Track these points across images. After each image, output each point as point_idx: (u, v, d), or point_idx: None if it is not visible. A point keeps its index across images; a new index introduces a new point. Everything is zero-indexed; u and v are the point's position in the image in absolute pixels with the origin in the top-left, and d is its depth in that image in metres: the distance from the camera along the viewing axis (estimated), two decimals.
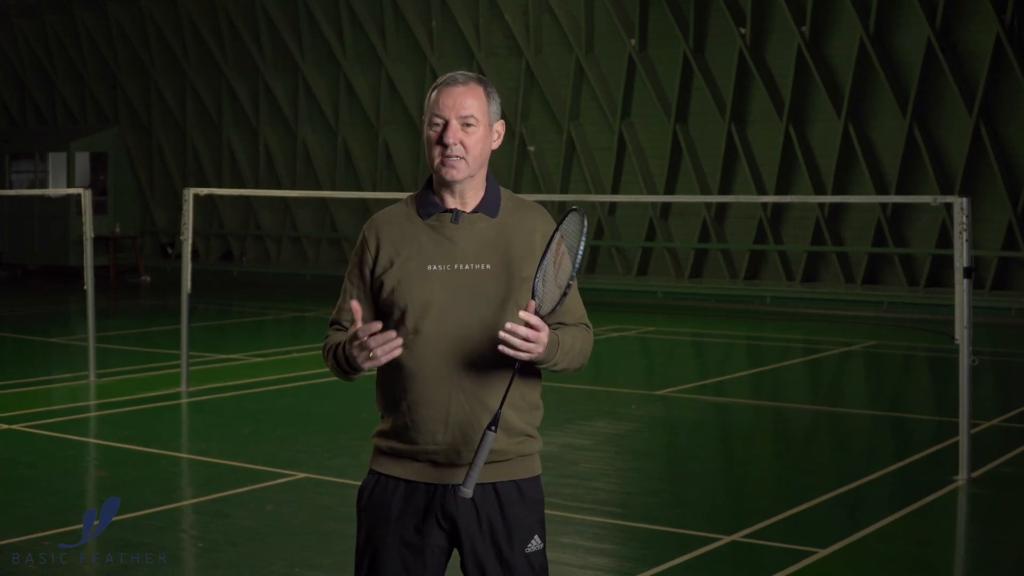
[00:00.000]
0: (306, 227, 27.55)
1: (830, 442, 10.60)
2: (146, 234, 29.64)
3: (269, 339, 17.39)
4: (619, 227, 23.56)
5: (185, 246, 12.12)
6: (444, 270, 3.54)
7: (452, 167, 3.54)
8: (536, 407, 3.67)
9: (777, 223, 21.88)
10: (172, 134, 29.52)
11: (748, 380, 13.86)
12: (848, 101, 20.51)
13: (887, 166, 20.63)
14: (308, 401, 11.88)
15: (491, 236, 3.59)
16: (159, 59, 29.17)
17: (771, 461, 9.75)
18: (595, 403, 11.72)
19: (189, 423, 10.96)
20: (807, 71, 20.99)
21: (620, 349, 16.09)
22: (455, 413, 3.53)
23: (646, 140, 23.00)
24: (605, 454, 9.51)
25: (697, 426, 10.90)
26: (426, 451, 3.56)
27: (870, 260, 21.08)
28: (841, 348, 16.17)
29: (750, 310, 20.69)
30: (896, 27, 20.23)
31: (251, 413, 11.18)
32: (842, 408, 12.05)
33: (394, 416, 3.60)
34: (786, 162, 21.47)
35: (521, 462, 3.63)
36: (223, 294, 23.21)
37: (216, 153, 28.79)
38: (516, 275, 3.55)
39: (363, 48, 26.13)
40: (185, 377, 12.05)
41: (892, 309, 20.08)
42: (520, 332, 3.36)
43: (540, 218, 3.67)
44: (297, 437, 10.00)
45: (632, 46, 22.50)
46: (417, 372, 3.53)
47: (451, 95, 3.55)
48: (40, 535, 7.10)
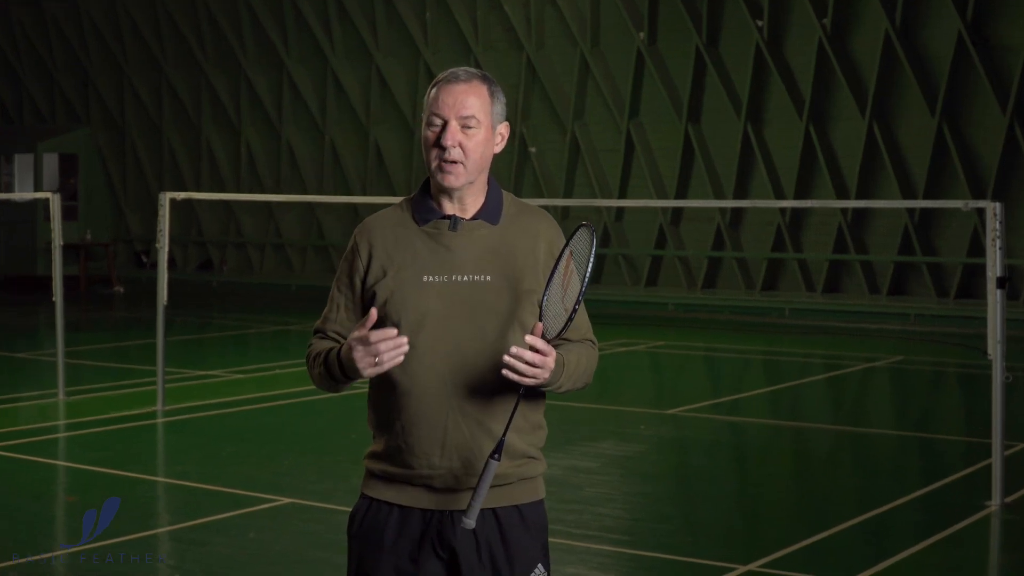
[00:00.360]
0: (291, 234, 27.57)
1: (853, 465, 10.60)
2: (119, 241, 29.66)
3: (251, 354, 17.39)
4: (627, 234, 23.58)
5: (161, 254, 12.12)
6: (441, 281, 3.53)
7: (449, 172, 3.52)
8: (539, 427, 3.67)
9: (796, 230, 21.89)
10: (147, 134, 29.55)
11: (765, 398, 13.86)
12: (873, 99, 20.54)
13: (915, 168, 20.65)
14: (293, 420, 11.88)
15: (492, 245, 3.57)
16: (133, 53, 29.22)
17: (790, 485, 9.75)
18: (601, 423, 11.73)
19: (165, 444, 10.96)
20: (829, 67, 21.03)
21: (628, 365, 16.09)
22: (453, 435, 3.52)
23: (656, 141, 23.03)
24: (612, 477, 9.52)
25: (710, 447, 10.91)
26: (421, 475, 3.55)
27: (896, 269, 21.10)
28: (865, 364, 16.17)
29: (767, 323, 20.70)
30: (924, 20, 20.26)
31: (232, 433, 11.18)
32: (866, 428, 12.05)
33: (387, 437, 3.59)
34: (806, 164, 21.49)
35: (523, 485, 3.63)
36: (202, 306, 23.21)
37: (194, 154, 28.82)
38: (518, 287, 3.54)
39: (352, 41, 26.17)
40: (161, 395, 12.05)
41: (920, 322, 20.09)
42: (526, 357, 3.36)
43: (545, 225, 3.66)
44: (281, 459, 10.00)
45: (641, 40, 22.54)
46: (411, 390, 3.52)
47: (452, 93, 3.53)
48: (6, 565, 7.10)
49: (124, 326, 20.60)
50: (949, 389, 15.05)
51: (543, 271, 3.57)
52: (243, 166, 28.00)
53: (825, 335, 19.24)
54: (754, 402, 13.48)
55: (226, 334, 19.67)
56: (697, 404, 12.94)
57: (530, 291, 3.55)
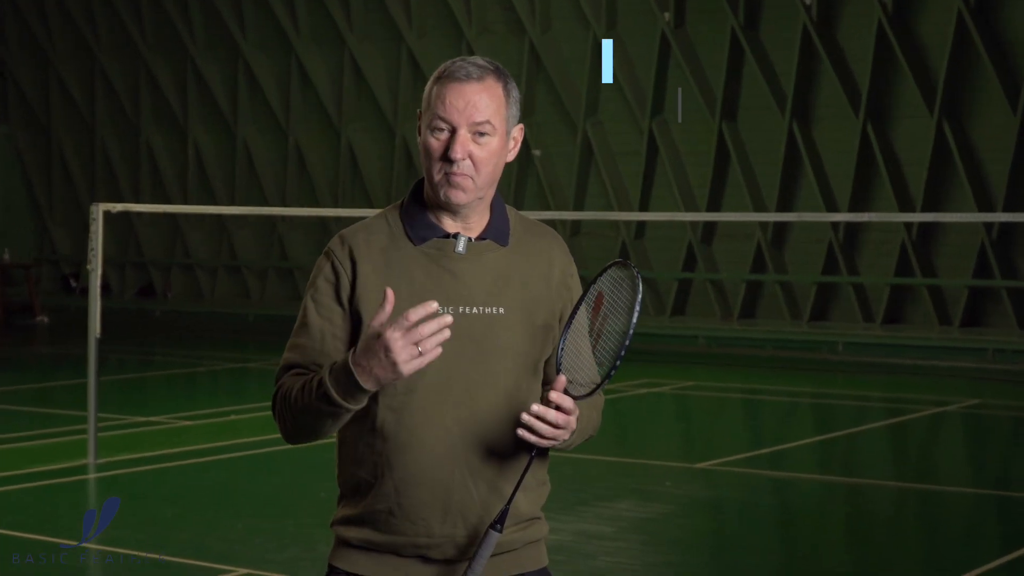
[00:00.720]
0: (248, 254, 27.59)
1: (921, 529, 10.59)
2: (43, 262, 29.67)
3: (200, 397, 17.37)
4: (649, 254, 23.60)
5: (93, 278, 12.12)
6: (447, 314, 3.40)
7: (458, 187, 3.47)
8: (544, 483, 3.68)
9: (851, 248, 21.91)
10: (77, 134, 29.60)
11: (814, 449, 13.85)
12: (942, 93, 20.57)
13: (993, 176, 20.66)
14: (249, 477, 11.86)
15: (503, 270, 3.55)
16: (61, 39, 29.28)
17: (845, 553, 9.73)
18: (618, 478, 11.71)
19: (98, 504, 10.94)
20: (890, 54, 21.06)
21: (651, 409, 16.07)
22: (459, 498, 3.50)
23: (684, 142, 23.07)
24: (631, 544, 9.50)
25: (749, 509, 10.89)
26: (416, 544, 3.53)
27: (971, 296, 21.10)
28: (934, 408, 16.15)
29: (817, 359, 20.69)
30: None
31: (176, 492, 11.16)
32: (935, 485, 12.04)
33: (372, 499, 3.55)
34: (863, 170, 21.51)
35: (527, 551, 3.63)
36: (142, 339, 23.19)
37: (133, 159, 28.87)
38: (532, 321, 3.54)
39: (321, 23, 26.23)
40: (92, 446, 12.02)
41: (999, 359, 20.08)
42: (549, 417, 3.36)
43: (557, 249, 3.66)
44: (234, 523, 9.98)
45: (666, 22, 22.59)
46: (410, 443, 3.49)
47: (462, 94, 3.46)
48: None
49: (49, 363, 20.57)
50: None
51: (556, 303, 3.57)
52: (191, 173, 28.04)
53: (886, 374, 19.22)
54: (801, 454, 13.47)
55: (171, 373, 19.66)
56: (733, 456, 12.92)
57: (546, 327, 3.55)
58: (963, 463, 13.56)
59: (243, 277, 27.69)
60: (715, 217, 20.47)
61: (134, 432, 13.90)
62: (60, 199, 29.86)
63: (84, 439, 12.19)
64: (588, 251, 23.37)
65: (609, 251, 23.24)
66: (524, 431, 3.36)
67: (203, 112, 27.94)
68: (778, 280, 22.39)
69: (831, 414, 16.34)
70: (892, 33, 20.83)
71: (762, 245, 22.39)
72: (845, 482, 12.11)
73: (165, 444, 13.19)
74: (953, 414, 15.92)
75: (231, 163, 27.69)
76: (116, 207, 12.77)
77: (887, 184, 21.25)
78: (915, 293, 21.64)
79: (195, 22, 27.48)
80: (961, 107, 20.84)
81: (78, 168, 29.57)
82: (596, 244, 23.68)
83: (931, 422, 15.59)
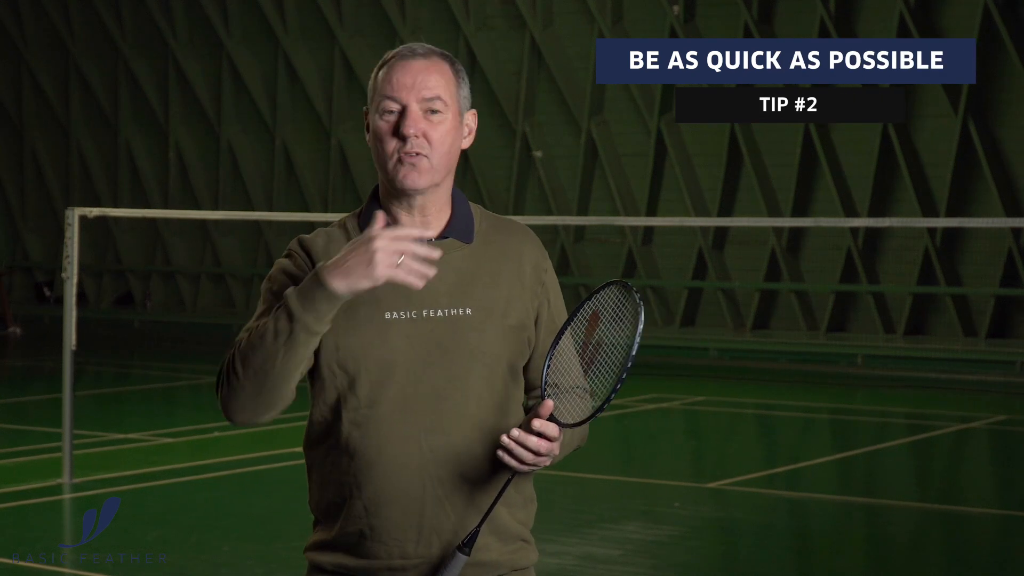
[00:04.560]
0: (232, 261, 27.61)
1: (945, 552, 10.60)
2: (16, 270, 29.69)
3: (182, 413, 17.36)
4: (657, 261, 23.61)
5: (68, 287, 12.13)
6: (408, 318, 3.47)
7: (412, 166, 3.51)
8: (532, 501, 3.65)
9: (872, 255, 21.92)
10: (51, 135, 29.62)
11: (833, 468, 13.85)
12: (968, 91, 20.59)
13: (1021, 179, 20.69)
14: (234, 497, 11.86)
15: (468, 269, 3.54)
16: (34, 33, 29.31)
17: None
18: (625, 499, 11.72)
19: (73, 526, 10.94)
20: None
21: (659, 426, 16.07)
22: (433, 516, 3.49)
23: (693, 143, 23.09)
24: (639, 568, 9.51)
25: (763, 531, 10.90)
26: (390, 567, 3.52)
27: (997, 305, 21.11)
28: (959, 425, 16.16)
29: (835, 373, 20.69)
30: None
31: (156, 513, 11.16)
32: (960, 506, 12.04)
33: (343, 521, 3.54)
34: (884, 172, 21.53)
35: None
36: (120, 351, 23.19)
37: (111, 161, 28.88)
38: (503, 322, 3.52)
39: (310, 18, 26.26)
40: (68, 464, 12.03)
41: None
42: (530, 444, 3.35)
43: (528, 244, 3.63)
44: (219, 546, 9.99)
45: (675, 15, 22.62)
46: (377, 460, 3.48)
47: (409, 71, 3.50)
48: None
49: (22, 377, 20.57)
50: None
51: (531, 301, 3.56)
52: (172, 176, 28.06)
53: (908, 388, 19.23)
54: (818, 473, 13.48)
55: (150, 387, 19.66)
56: (746, 476, 12.93)
57: (520, 327, 3.53)
58: (990, 483, 13.56)
59: (227, 286, 27.70)
60: (727, 222, 20.48)
61: (111, 450, 13.91)
62: (33, 203, 29.87)
63: (59, 457, 12.20)
64: (592, 258, 23.40)
65: (614, 258, 23.25)
66: (503, 453, 3.36)
67: (185, 111, 27.96)
68: (794, 289, 22.40)
69: (850, 431, 16.34)
70: (914, 26, 20.85)
71: (777, 252, 22.40)
72: (865, 503, 12.11)
73: (144, 463, 13.18)
74: (979, 431, 15.92)
75: (215, 165, 27.71)
76: (93, 212, 12.78)
77: (909, 188, 21.26)
78: (939, 302, 21.65)
79: (177, 16, 27.50)
80: (987, 106, 20.86)
81: (52, 170, 29.59)
82: (601, 251, 23.70)
83: (956, 439, 15.59)
